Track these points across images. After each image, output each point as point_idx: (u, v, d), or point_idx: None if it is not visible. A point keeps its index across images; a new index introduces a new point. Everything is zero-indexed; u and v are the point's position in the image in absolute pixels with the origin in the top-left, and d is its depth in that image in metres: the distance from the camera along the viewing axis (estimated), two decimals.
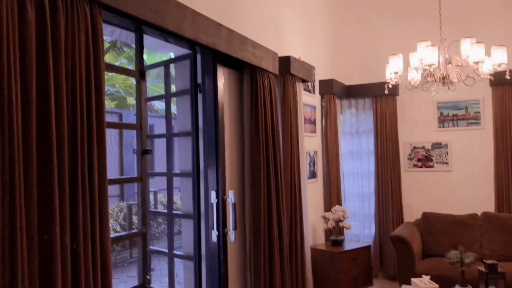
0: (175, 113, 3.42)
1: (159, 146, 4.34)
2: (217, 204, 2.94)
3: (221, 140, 3.02)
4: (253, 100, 3.21)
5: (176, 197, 7.43)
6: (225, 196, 2.98)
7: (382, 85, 5.07)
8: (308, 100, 4.70)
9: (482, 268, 3.16)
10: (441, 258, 4.18)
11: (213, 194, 2.96)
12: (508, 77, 3.61)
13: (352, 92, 5.46)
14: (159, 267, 7.44)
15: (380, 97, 5.28)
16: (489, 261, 3.13)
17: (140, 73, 2.44)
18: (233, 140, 3.27)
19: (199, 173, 3.03)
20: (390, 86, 3.96)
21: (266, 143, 3.26)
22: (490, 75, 3.66)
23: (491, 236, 4.28)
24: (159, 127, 11.77)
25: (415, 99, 5.29)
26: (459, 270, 3.25)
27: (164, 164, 3.20)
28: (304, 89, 4.59)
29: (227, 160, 3.13)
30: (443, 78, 3.84)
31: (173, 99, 3.31)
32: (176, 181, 3.31)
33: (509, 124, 4.66)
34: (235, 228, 2.92)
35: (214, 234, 2.94)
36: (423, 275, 3.42)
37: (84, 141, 1.76)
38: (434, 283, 3.34)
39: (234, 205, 2.91)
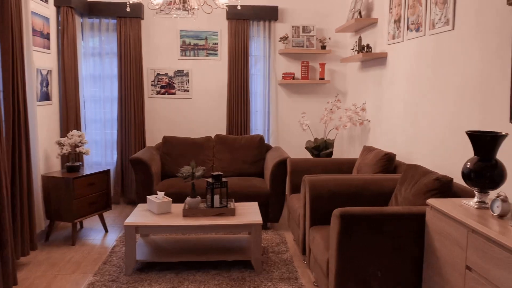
0: None
1: None
2: None
3: None
4: None
5: None
6: None
7: (126, 5, 4.82)
8: (39, 9, 4.05)
9: (209, 180, 3.47)
10: (178, 178, 4.44)
11: None
12: (239, 8, 3.94)
13: (95, 10, 5.00)
14: None
15: (125, 19, 5.02)
16: (215, 173, 3.47)
17: None
18: None
19: None
20: (131, 2, 3.76)
21: None
22: (227, 5, 3.91)
23: (221, 155, 4.79)
24: None
25: (160, 26, 5.26)
26: (190, 183, 3.49)
27: None
28: None
29: None
30: (184, 3, 3.90)
31: None
32: None
33: (240, 56, 5.18)
34: None
35: None
36: (158, 192, 3.55)
37: None
38: (168, 198, 3.52)
39: None
